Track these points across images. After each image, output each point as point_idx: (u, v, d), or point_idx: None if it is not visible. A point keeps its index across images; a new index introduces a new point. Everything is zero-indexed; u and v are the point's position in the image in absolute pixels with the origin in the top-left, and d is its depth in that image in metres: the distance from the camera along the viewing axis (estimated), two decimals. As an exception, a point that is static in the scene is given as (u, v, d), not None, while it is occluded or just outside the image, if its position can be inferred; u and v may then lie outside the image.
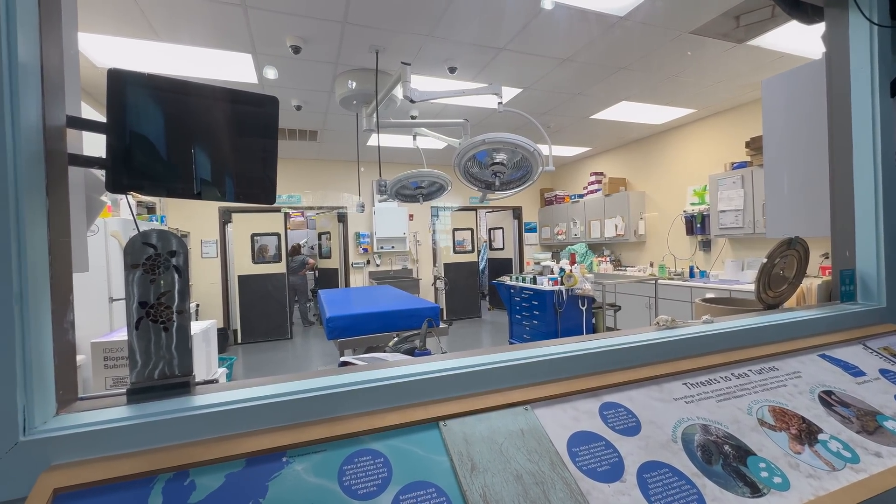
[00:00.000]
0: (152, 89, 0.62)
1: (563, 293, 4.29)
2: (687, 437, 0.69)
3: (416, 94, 2.43)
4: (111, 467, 0.51)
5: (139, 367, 0.60)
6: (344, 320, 2.57)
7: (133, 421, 0.55)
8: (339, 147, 5.95)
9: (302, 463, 0.55)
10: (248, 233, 6.31)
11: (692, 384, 0.81)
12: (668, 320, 0.98)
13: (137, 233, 0.61)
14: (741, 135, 4.61)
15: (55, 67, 0.59)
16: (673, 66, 3.55)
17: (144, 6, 2.45)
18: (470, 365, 0.72)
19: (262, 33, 2.81)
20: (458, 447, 0.61)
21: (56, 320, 0.57)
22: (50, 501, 0.47)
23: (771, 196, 1.59)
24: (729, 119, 4.83)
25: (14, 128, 0.50)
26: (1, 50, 0.49)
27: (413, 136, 3.25)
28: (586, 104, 4.48)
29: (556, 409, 0.70)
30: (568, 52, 3.25)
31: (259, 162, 0.70)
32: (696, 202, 5.16)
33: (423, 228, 7.39)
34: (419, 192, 3.08)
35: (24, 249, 0.51)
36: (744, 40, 3.12)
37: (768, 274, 1.21)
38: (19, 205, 0.51)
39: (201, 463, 0.53)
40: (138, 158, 0.62)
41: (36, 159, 0.54)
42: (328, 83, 3.70)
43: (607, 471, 0.61)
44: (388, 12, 2.62)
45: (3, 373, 0.49)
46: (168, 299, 0.61)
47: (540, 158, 2.13)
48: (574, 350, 0.80)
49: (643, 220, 5.97)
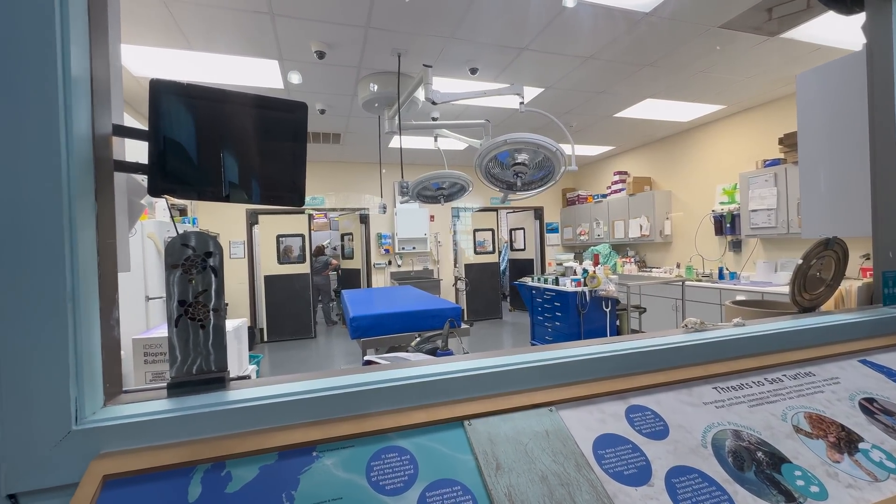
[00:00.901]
0: (190, 98, 0.65)
1: (586, 294, 4.23)
2: (717, 443, 0.67)
3: (438, 96, 2.45)
4: (154, 457, 0.54)
5: (178, 363, 0.63)
6: (367, 320, 2.61)
7: (173, 413, 0.58)
8: (361, 149, 6.04)
9: (331, 458, 0.57)
10: (274, 234, 6.48)
11: (723, 388, 0.79)
12: (697, 323, 0.95)
13: (177, 235, 0.64)
14: (774, 131, 4.44)
15: (103, 79, 0.63)
16: (701, 61, 3.45)
17: (180, 18, 2.55)
18: (494, 365, 0.72)
19: (288, 40, 2.88)
20: (483, 446, 0.61)
21: (103, 317, 0.60)
22: (100, 487, 0.50)
23: (806, 195, 1.53)
24: (760, 115, 4.66)
25: (67, 137, 0.54)
26: (57, 65, 0.53)
27: (434, 138, 3.27)
28: (610, 102, 4.41)
29: (581, 411, 0.70)
30: (591, 51, 3.21)
31: (289, 165, 0.72)
32: (726, 201, 5.00)
33: (444, 229, 7.41)
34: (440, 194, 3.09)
35: (75, 251, 0.54)
36: (777, 33, 3.01)
37: (804, 276, 1.16)
38: (72, 209, 0.54)
39: (237, 455, 0.55)
40: (177, 164, 0.65)
41: (86, 166, 0.58)
42: (351, 87, 3.76)
43: (634, 474, 0.60)
44: (410, 15, 2.65)
45: (57, 366, 0.52)
46: (205, 298, 0.63)
47: (562, 158, 2.11)
48: (599, 352, 0.79)
49: (669, 220, 5.82)
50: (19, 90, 0.51)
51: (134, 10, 2.45)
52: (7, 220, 0.51)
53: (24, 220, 0.51)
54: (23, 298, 0.51)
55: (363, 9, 2.56)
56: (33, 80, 0.52)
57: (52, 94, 0.52)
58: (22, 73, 0.51)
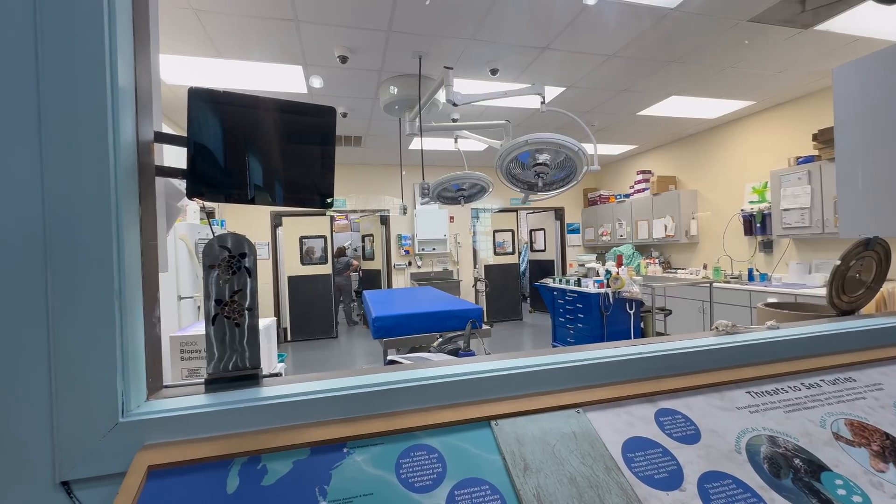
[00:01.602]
0: (226, 105, 0.67)
1: (609, 296, 4.16)
2: (752, 449, 0.65)
3: (459, 98, 2.46)
4: (194, 449, 0.56)
5: (215, 360, 0.65)
6: (389, 320, 2.64)
7: (211, 408, 0.60)
8: (381, 151, 6.10)
9: (362, 454, 0.58)
10: (297, 235, 6.62)
11: (756, 393, 0.77)
12: (729, 325, 0.93)
13: (213, 237, 0.67)
14: (807, 127, 4.27)
15: (145, 88, 0.66)
16: (729, 56, 3.35)
17: (210, 28, 2.64)
18: (521, 366, 0.72)
19: (312, 46, 2.95)
20: (511, 447, 0.61)
21: (146, 315, 0.63)
22: (145, 477, 0.52)
23: (844, 193, 1.46)
24: (792, 110, 4.49)
25: (115, 144, 0.57)
26: (105, 76, 0.56)
27: (454, 139, 3.28)
28: (633, 100, 4.32)
29: (609, 414, 0.69)
30: (614, 48, 3.16)
31: (320, 168, 0.74)
32: (756, 200, 4.83)
33: (464, 230, 7.42)
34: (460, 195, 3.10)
35: (122, 252, 0.57)
36: (810, 25, 2.90)
37: (842, 277, 1.12)
38: (118, 212, 0.57)
39: (271, 449, 0.57)
40: (215, 168, 0.68)
41: (131, 171, 0.61)
42: (373, 90, 3.81)
43: (665, 479, 0.59)
44: (432, 18, 2.67)
45: (106, 361, 0.55)
46: (240, 297, 0.66)
47: (584, 158, 2.08)
48: (627, 354, 0.78)
49: (695, 220, 5.67)
50: (72, 101, 0.55)
51: (168, 21, 2.55)
52: (62, 223, 0.54)
53: (77, 224, 0.55)
54: (75, 297, 0.54)
55: (385, 13, 2.59)
56: (85, 91, 0.55)
57: (101, 103, 0.56)
58: (75, 85, 0.55)
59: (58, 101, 0.54)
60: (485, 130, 3.88)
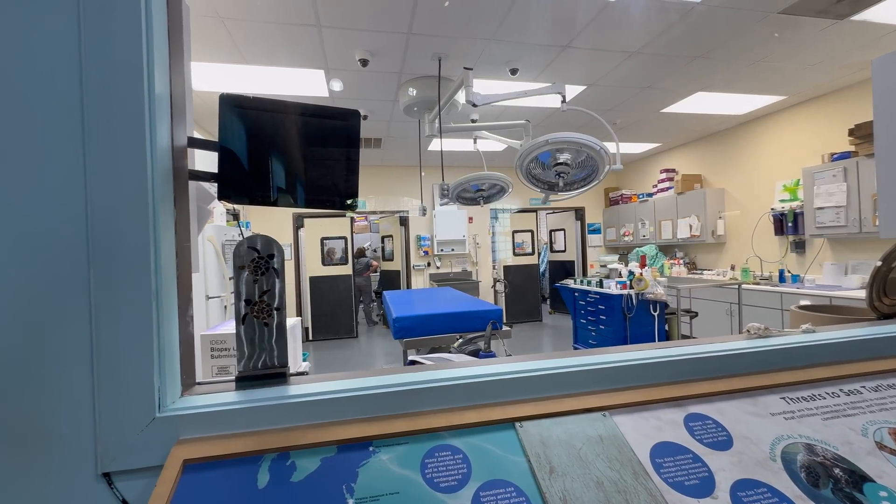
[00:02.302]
0: (256, 110, 0.69)
1: (632, 297, 4.08)
2: (788, 457, 0.63)
3: (479, 98, 2.46)
4: (226, 444, 0.58)
5: (245, 358, 0.67)
6: (410, 320, 2.66)
7: (242, 405, 0.62)
8: (401, 153, 6.15)
9: (387, 453, 0.59)
10: (318, 237, 6.73)
11: (792, 399, 0.74)
12: (761, 328, 0.90)
13: (243, 238, 0.69)
14: (842, 122, 4.08)
15: (179, 95, 0.69)
16: (758, 50, 3.24)
17: (236, 36, 2.72)
18: (545, 368, 0.72)
19: (333, 50, 2.99)
20: (536, 449, 0.61)
21: (181, 314, 0.65)
22: (180, 470, 0.54)
23: (885, 190, 1.39)
24: (826, 105, 4.31)
25: (152, 149, 0.59)
26: (143, 85, 0.58)
27: (473, 140, 3.28)
28: (657, 98, 4.23)
29: (636, 417, 0.68)
30: (638, 45, 3.10)
31: (344, 170, 0.75)
32: (787, 199, 4.65)
33: (483, 231, 7.40)
34: (480, 195, 3.10)
35: (158, 253, 0.60)
36: (846, 16, 2.77)
37: (884, 279, 1.07)
38: (156, 215, 0.59)
39: (300, 446, 0.58)
40: (243, 171, 0.70)
41: (166, 176, 0.63)
42: (392, 92, 3.84)
43: (696, 485, 0.58)
44: (452, 19, 2.67)
45: (144, 358, 0.58)
46: (269, 297, 0.67)
47: (606, 157, 2.05)
48: (654, 356, 0.77)
49: (722, 220, 5.50)
50: (113, 109, 0.57)
51: (196, 30, 2.64)
52: (103, 226, 0.57)
53: (117, 226, 0.57)
54: (116, 297, 0.57)
55: (405, 16, 2.61)
56: (125, 99, 0.57)
57: (139, 111, 0.58)
58: (115, 94, 0.57)
59: (100, 110, 0.57)
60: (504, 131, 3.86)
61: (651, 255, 6.12)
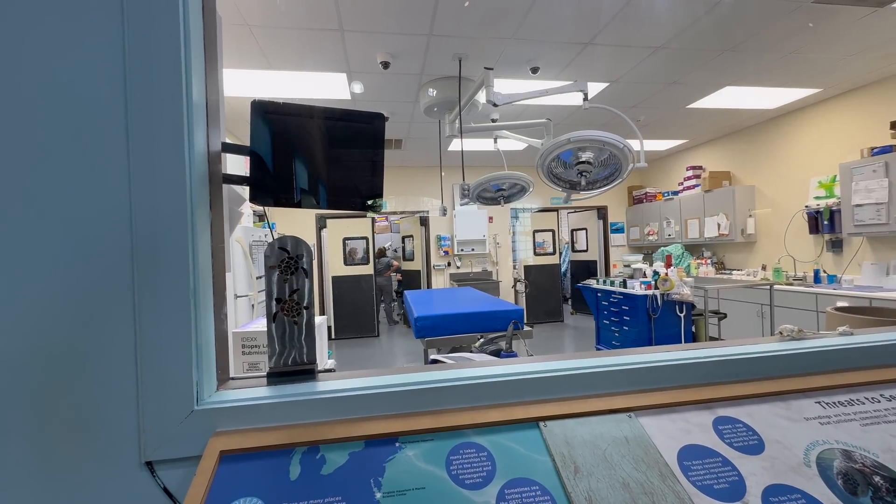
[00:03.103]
0: (286, 115, 0.71)
1: (657, 298, 3.98)
2: (823, 463, 0.61)
3: (500, 98, 2.45)
4: (260, 437, 0.60)
5: (276, 355, 0.69)
6: (431, 320, 2.67)
7: (273, 400, 0.64)
8: (421, 154, 6.18)
9: (413, 449, 0.60)
10: (341, 237, 6.83)
11: (828, 404, 0.72)
12: (795, 330, 0.87)
13: (273, 239, 0.71)
14: (883, 114, 3.89)
15: (214, 102, 0.72)
16: (791, 41, 3.12)
17: (262, 42, 2.80)
18: (570, 367, 0.72)
19: (355, 53, 3.04)
20: (560, 448, 0.61)
21: (216, 312, 0.68)
22: (217, 461, 0.57)
23: (930, 186, 1.32)
24: (865, 97, 4.10)
25: (190, 155, 0.62)
26: (182, 93, 0.61)
27: (494, 139, 3.27)
28: (683, 93, 4.12)
29: (662, 419, 0.67)
30: (662, 39, 3.03)
31: (369, 172, 0.77)
32: (823, 195, 4.46)
33: (503, 230, 7.36)
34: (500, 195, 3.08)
35: (195, 253, 0.63)
36: (887, 3, 2.64)
37: (929, 279, 1.01)
38: (193, 217, 0.62)
39: (328, 441, 0.60)
40: (274, 174, 0.72)
41: (203, 180, 0.66)
42: (413, 94, 3.87)
43: (726, 489, 0.57)
44: (472, 19, 2.68)
45: (183, 353, 0.61)
46: (299, 296, 0.70)
47: (630, 155, 2.01)
48: (682, 358, 0.76)
49: (752, 218, 5.31)
50: (154, 116, 0.60)
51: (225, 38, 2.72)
52: (146, 228, 0.60)
53: (159, 228, 0.60)
54: (158, 295, 0.60)
55: (426, 17, 2.63)
56: (165, 107, 0.61)
57: (178, 118, 0.61)
58: (157, 102, 0.60)
59: (143, 118, 0.60)
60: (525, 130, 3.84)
61: (677, 255, 5.96)
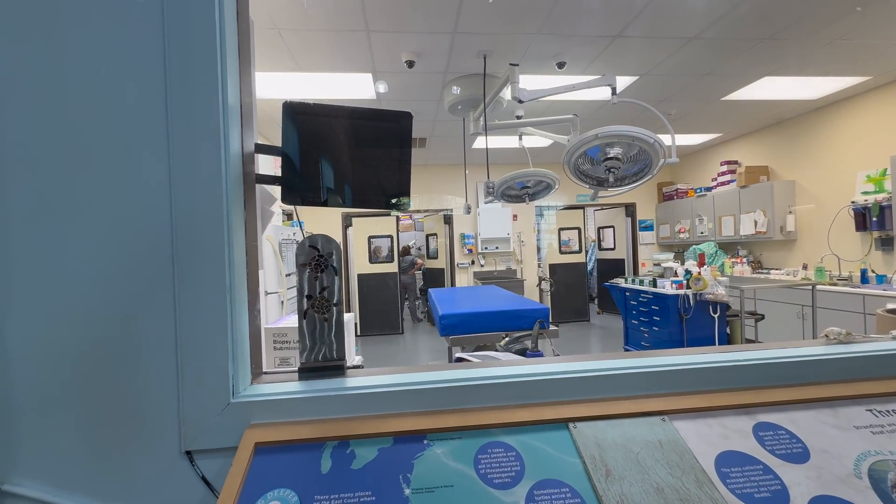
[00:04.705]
0: (316, 116, 0.73)
1: (689, 298, 3.85)
2: (876, 474, 0.58)
3: (525, 94, 2.42)
4: (292, 430, 0.62)
5: (307, 350, 0.71)
6: (456, 318, 2.68)
7: (305, 394, 0.66)
8: (445, 152, 6.19)
9: (441, 447, 0.60)
10: (366, 235, 6.93)
11: (881, 412, 0.68)
12: (842, 333, 0.82)
13: (304, 238, 0.73)
14: (942, 102, 3.62)
15: (248, 105, 0.74)
16: (836, 27, 2.94)
17: (291, 45, 2.87)
18: (600, 368, 0.70)
19: (381, 53, 3.07)
20: (591, 451, 0.60)
21: (250, 308, 0.70)
22: (252, 452, 0.59)
23: None
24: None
25: (226, 156, 0.64)
26: (219, 97, 0.63)
27: (519, 136, 3.24)
28: (717, 85, 3.96)
29: (699, 424, 0.65)
30: (696, 30, 2.92)
31: (396, 170, 0.78)
32: (871, 190, 4.19)
33: (528, 229, 7.28)
34: (525, 192, 3.05)
35: (231, 251, 0.65)
36: (947, -18, 2.45)
37: None
38: (229, 216, 0.64)
39: (358, 436, 0.61)
40: (305, 174, 0.73)
41: (238, 180, 0.68)
42: (437, 92, 3.87)
43: (767, 498, 0.54)
44: (497, 15, 2.65)
45: (220, 348, 0.63)
46: (329, 293, 0.71)
47: (661, 150, 1.95)
48: (719, 360, 0.73)
49: (792, 215, 5.05)
50: (193, 119, 0.63)
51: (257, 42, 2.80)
52: (185, 227, 0.62)
53: (197, 227, 0.62)
54: (196, 291, 0.62)
55: (451, 15, 2.62)
56: (203, 110, 0.63)
57: (215, 120, 0.63)
58: (195, 105, 0.63)
59: (182, 120, 0.62)
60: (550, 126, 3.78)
61: (710, 253, 5.75)
